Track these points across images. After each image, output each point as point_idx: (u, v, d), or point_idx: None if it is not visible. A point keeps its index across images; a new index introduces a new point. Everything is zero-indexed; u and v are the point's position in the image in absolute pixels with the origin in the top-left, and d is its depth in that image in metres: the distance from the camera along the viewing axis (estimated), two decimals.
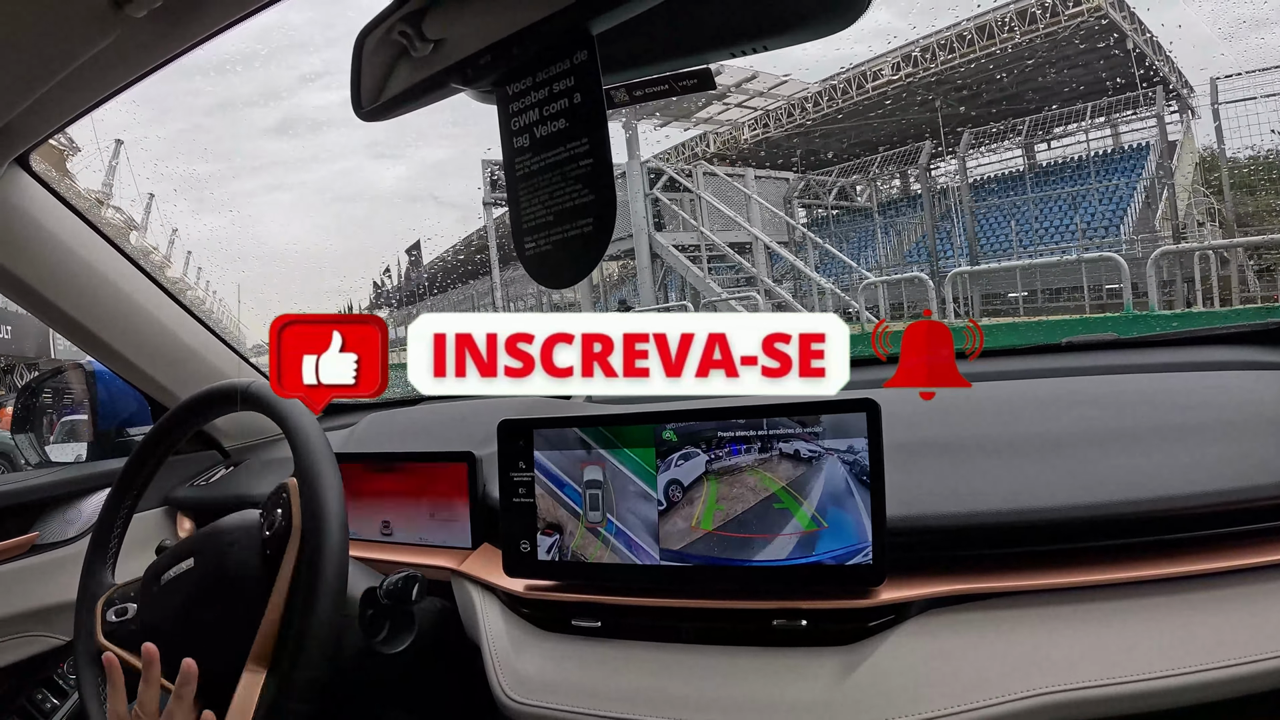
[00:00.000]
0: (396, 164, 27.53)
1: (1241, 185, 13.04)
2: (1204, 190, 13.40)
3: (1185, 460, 0.89)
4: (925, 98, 15.87)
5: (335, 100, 30.11)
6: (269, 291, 19.39)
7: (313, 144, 28.91)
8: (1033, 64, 14.63)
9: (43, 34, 0.82)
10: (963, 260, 13.83)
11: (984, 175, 16.43)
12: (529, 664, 0.95)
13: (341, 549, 0.86)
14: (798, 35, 0.68)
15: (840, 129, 16.86)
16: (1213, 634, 0.77)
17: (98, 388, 1.68)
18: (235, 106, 26.00)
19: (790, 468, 0.90)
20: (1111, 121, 14.99)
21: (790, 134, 17.11)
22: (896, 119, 16.40)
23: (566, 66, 0.67)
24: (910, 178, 16.57)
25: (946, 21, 14.42)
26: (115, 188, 13.76)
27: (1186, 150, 14.05)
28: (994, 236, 14.90)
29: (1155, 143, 14.16)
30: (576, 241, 0.68)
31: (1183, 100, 14.68)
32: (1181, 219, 13.32)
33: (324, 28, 28.72)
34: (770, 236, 13.18)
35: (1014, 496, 0.88)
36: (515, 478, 1.02)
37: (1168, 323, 6.24)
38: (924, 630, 0.84)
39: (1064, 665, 0.77)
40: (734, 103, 16.72)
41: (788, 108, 16.88)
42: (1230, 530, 0.84)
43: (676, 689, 0.87)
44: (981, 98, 15.87)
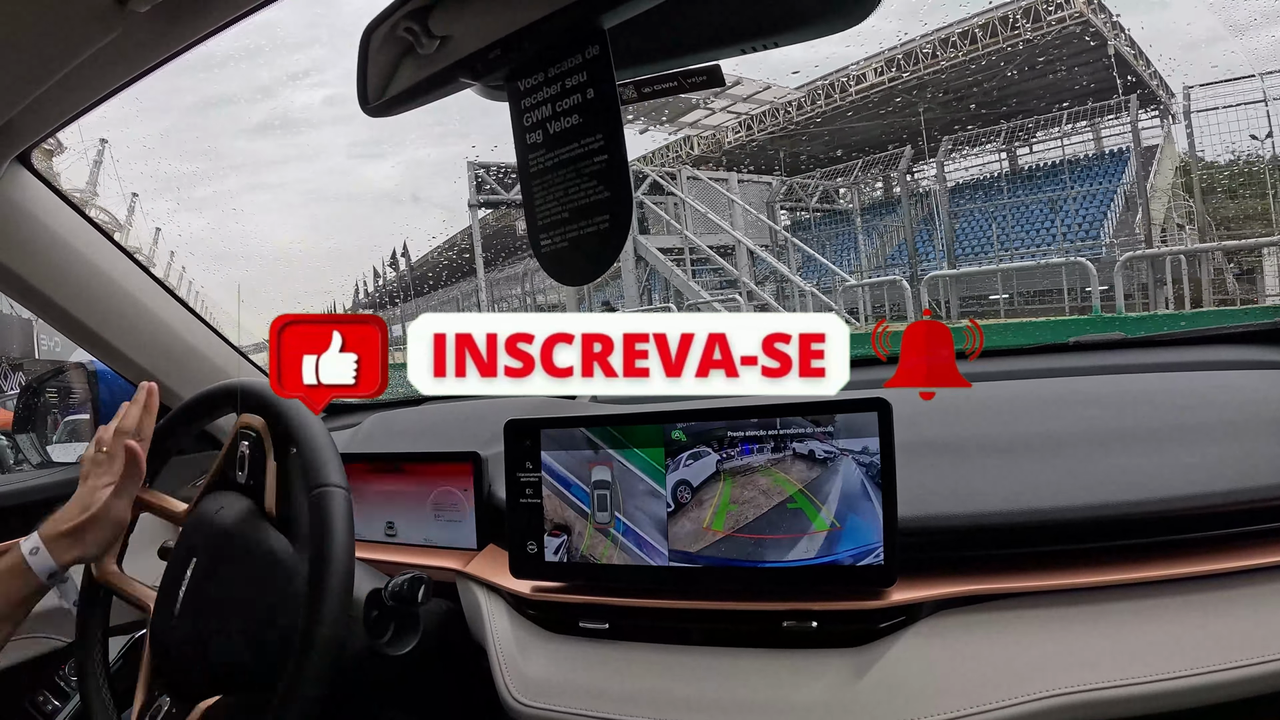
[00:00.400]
0: (380, 164, 27.50)
1: (1215, 189, 13.17)
2: (1183, 194, 13.49)
3: (1192, 460, 0.88)
4: (909, 100, 15.92)
5: (318, 99, 30.02)
6: (245, 291, 19.34)
7: (296, 143, 28.78)
8: (1015, 69, 14.71)
9: (44, 31, 0.80)
10: (943, 264, 13.96)
11: (965, 178, 16.51)
12: (535, 666, 0.92)
13: (347, 570, 0.83)
14: (808, 32, 0.67)
15: (823, 132, 16.90)
16: (1225, 634, 0.76)
17: (100, 387, 1.65)
18: (217, 104, 25.74)
19: (803, 468, 0.88)
20: (1093, 125, 15.09)
21: (774, 136, 17.15)
22: (880, 122, 16.46)
23: (579, 61, 0.66)
24: (893, 181, 16.63)
25: (932, 26, 14.48)
26: (100, 187, 13.66)
27: (1167, 155, 14.15)
28: (976, 239, 14.97)
29: (1134, 147, 14.24)
30: (593, 239, 0.66)
31: (1163, 106, 14.77)
32: (1161, 222, 13.41)
33: (308, 26, 28.64)
34: (753, 240, 13.23)
35: (1023, 497, 0.87)
36: (522, 478, 0.99)
37: (1135, 324, 6.38)
38: (935, 631, 0.82)
39: (1078, 666, 0.75)
40: (718, 108, 16.73)
41: (771, 110, 16.89)
42: (1239, 530, 0.83)
43: (685, 691, 0.86)
44: (964, 101, 15.93)
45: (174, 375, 1.45)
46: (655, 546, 0.93)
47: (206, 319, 1.50)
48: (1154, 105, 14.76)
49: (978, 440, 0.99)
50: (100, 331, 1.34)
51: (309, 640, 0.80)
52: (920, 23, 13.99)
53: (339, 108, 32.56)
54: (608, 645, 0.93)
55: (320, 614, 0.80)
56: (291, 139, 28.25)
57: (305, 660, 0.79)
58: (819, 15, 0.64)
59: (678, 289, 12.35)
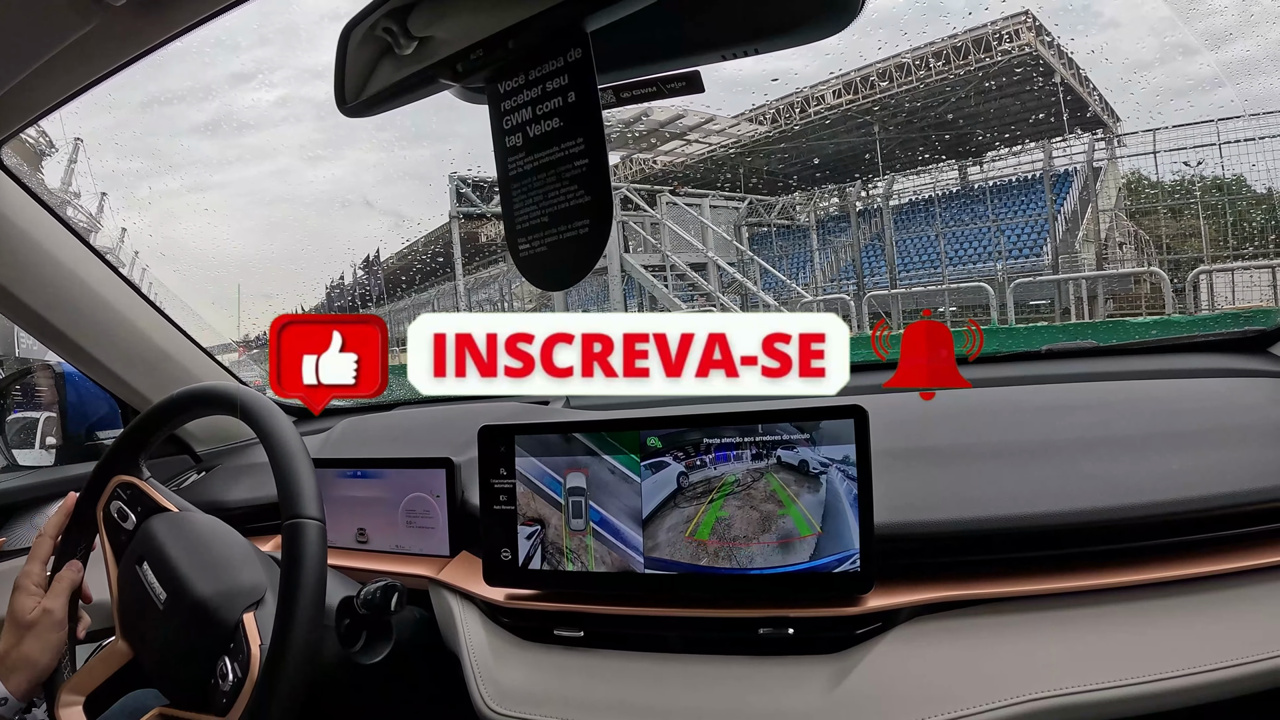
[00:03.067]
0: (330, 166, 26.97)
1: (1145, 211, 13.59)
2: (1124, 215, 13.84)
3: (1168, 466, 0.87)
4: (864, 121, 16.17)
5: (266, 100, 29.59)
6: (190, 294, 18.70)
7: (239, 144, 28.05)
8: (967, 94, 15.00)
9: (19, 21, 0.76)
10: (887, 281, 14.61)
11: (918, 196, 16.82)
12: (510, 674, 0.89)
13: (315, 609, 0.77)
14: (791, 39, 0.65)
15: (783, 150, 17.11)
16: (1200, 637, 0.75)
17: (67, 390, 1.58)
18: (161, 103, 24.93)
19: (778, 474, 0.85)
20: (1042, 147, 15.43)
21: (735, 154, 17.32)
22: (837, 141, 16.69)
23: (560, 64, 0.63)
24: (851, 196, 16.97)
25: (889, 52, 14.75)
26: (75, 187, 13.30)
27: (1111, 176, 14.47)
28: (926, 254, 15.26)
29: (1081, 169, 14.61)
30: (572, 244, 0.64)
31: (1108, 129, 15.14)
32: (1102, 240, 13.73)
33: (255, 27, 27.92)
34: (722, 257, 13.80)
35: (1000, 503, 0.85)
36: (496, 484, 0.95)
37: (1026, 336, 6.77)
38: (913, 637, 0.80)
39: (1054, 670, 0.74)
40: (694, 139, 16.96)
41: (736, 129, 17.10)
42: (1214, 535, 0.82)
43: (661, 699, 0.83)
44: (917, 123, 16.20)
45: (144, 379, 1.39)
46: (631, 553, 0.89)
47: (179, 322, 1.44)
48: (1100, 129, 15.13)
49: (954, 447, 0.97)
50: (68, 333, 1.27)
51: (273, 679, 0.75)
52: (876, 47, 14.27)
53: (290, 108, 32.05)
54: (583, 653, 0.89)
55: (286, 648, 0.75)
56: (236, 139, 27.64)
57: (268, 695, 0.75)
58: (800, 23, 0.62)
59: (654, 297, 12.84)
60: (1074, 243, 13.95)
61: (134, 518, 0.93)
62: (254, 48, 26.65)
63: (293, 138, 29.49)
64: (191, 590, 0.84)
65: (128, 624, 0.90)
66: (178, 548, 0.89)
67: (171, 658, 0.85)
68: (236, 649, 0.80)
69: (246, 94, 30.09)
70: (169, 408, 0.97)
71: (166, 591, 0.86)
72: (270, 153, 30.29)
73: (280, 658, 0.75)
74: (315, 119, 26.92)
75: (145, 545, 0.90)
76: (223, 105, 27.41)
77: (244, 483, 1.35)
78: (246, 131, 27.08)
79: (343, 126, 31.66)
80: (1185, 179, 12.79)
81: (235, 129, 26.18)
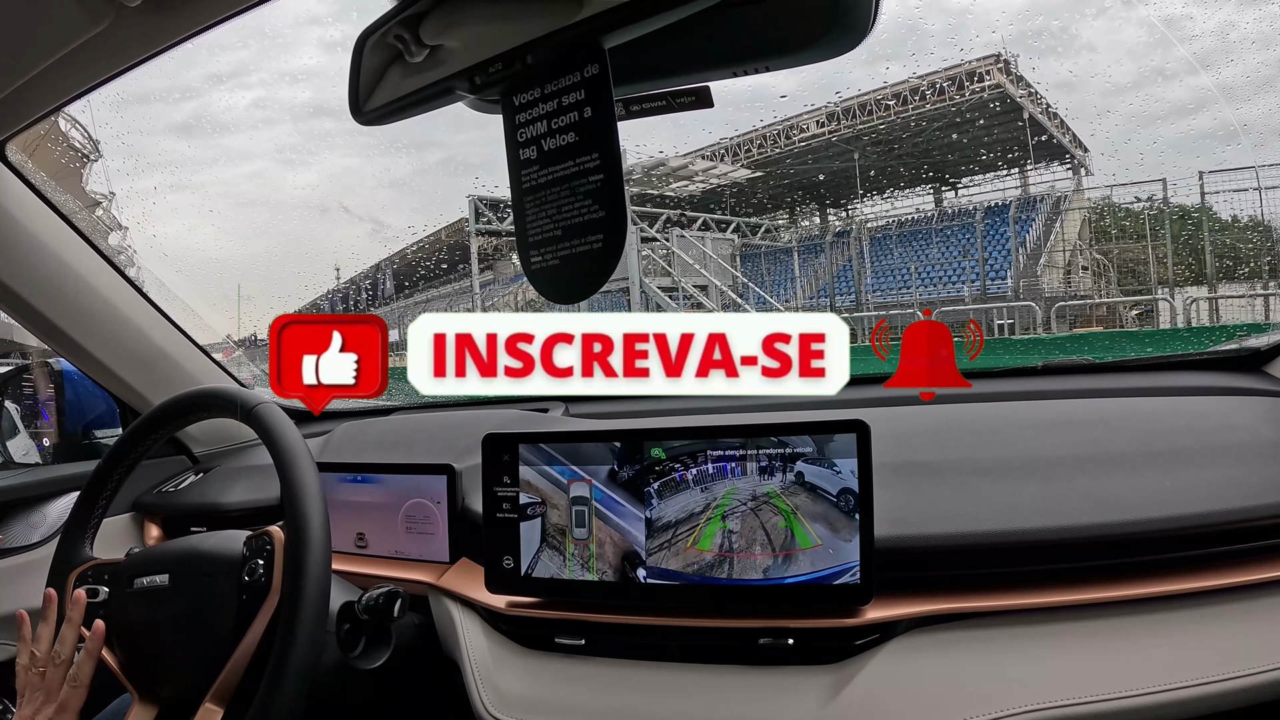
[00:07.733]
0: (306, 171, 26.69)
1: (1105, 235, 13.86)
2: (1086, 244, 14.08)
3: (1163, 484, 0.85)
4: (845, 149, 16.44)
5: (243, 101, 29.38)
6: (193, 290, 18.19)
7: (216, 145, 27.57)
8: (941, 127, 15.27)
9: (31, 17, 0.73)
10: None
11: (894, 217, 17.14)
12: (511, 682, 0.86)
13: (318, 621, 0.75)
14: (801, 57, 0.64)
15: (768, 174, 17.38)
16: (1195, 651, 0.74)
17: (65, 388, 1.54)
18: (136, 102, 24.39)
19: (780, 486, 0.83)
20: (1011, 174, 15.76)
21: (726, 187, 17.67)
22: (820, 167, 16.95)
23: (577, 79, 0.61)
24: (831, 216, 17.34)
25: (869, 87, 15.12)
26: (103, 187, 13.08)
27: (1076, 205, 14.72)
28: (897, 276, 15.54)
29: (1047, 197, 14.90)
30: (585, 258, 0.61)
31: (1076, 160, 15.43)
32: (1065, 266, 13.94)
33: (236, 30, 27.62)
34: (721, 282, 15.04)
35: (998, 517, 0.83)
36: (499, 492, 0.93)
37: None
38: (911, 649, 0.79)
39: (1051, 683, 0.73)
40: (699, 175, 17.40)
41: (719, 151, 17.37)
42: (1207, 552, 0.80)
43: (661, 708, 0.80)
44: (895, 151, 16.47)
45: (144, 379, 1.35)
46: (631, 564, 0.87)
47: (181, 324, 1.40)
48: (1067, 159, 15.45)
49: (954, 461, 0.95)
50: (69, 331, 1.23)
51: (276, 687, 0.72)
52: (856, 88, 14.75)
53: (266, 110, 31.84)
54: (584, 661, 0.87)
55: (287, 660, 0.72)
56: (212, 141, 27.39)
57: (271, 698, 0.72)
58: (811, 42, 0.61)
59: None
60: (1036, 268, 14.20)
61: (104, 588, 0.90)
62: (236, 49, 26.37)
63: (269, 140, 29.19)
64: (196, 547, 0.85)
65: (136, 674, 0.86)
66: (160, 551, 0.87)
67: (206, 608, 0.83)
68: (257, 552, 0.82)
69: (225, 95, 29.74)
70: (169, 410, 0.94)
71: (166, 573, 0.85)
72: (246, 155, 29.94)
73: (282, 665, 0.72)
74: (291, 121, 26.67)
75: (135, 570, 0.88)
76: (201, 106, 27.07)
77: (242, 484, 1.31)
78: (224, 133, 26.73)
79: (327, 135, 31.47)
80: (1145, 209, 13.06)
81: (212, 130, 25.83)
